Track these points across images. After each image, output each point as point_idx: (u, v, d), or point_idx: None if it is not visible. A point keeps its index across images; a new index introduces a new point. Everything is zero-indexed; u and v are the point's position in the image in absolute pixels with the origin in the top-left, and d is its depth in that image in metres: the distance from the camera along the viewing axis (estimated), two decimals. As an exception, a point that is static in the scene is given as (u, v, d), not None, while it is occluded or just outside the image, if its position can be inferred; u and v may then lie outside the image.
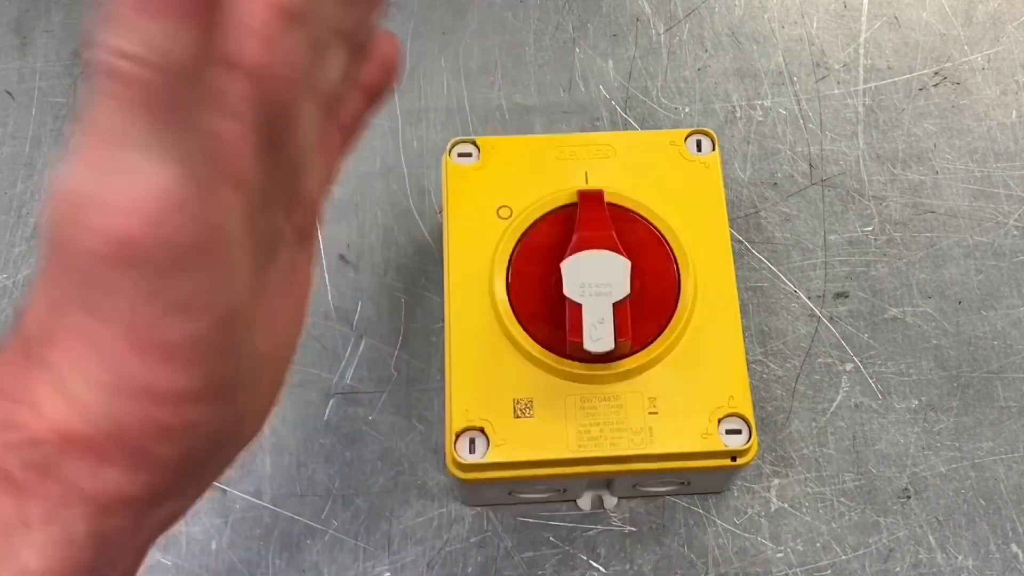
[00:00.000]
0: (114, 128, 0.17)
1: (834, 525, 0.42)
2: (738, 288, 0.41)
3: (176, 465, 0.20)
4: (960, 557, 0.42)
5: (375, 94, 0.28)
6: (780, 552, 0.42)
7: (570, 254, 0.38)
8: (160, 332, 0.18)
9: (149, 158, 0.17)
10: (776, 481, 0.43)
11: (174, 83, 0.17)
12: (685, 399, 0.38)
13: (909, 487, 0.43)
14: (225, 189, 0.19)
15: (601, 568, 0.41)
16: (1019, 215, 0.49)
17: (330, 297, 0.46)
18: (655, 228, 0.41)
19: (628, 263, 0.38)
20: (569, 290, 0.37)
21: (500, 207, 0.41)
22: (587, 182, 0.42)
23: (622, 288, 0.37)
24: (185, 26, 0.17)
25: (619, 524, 0.42)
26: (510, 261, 0.40)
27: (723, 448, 0.37)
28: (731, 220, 0.43)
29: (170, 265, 0.18)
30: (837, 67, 0.52)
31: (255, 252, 0.21)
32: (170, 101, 0.17)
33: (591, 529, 0.42)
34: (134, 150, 0.17)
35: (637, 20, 0.54)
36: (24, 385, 0.19)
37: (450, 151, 0.42)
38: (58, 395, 0.19)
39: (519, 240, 0.40)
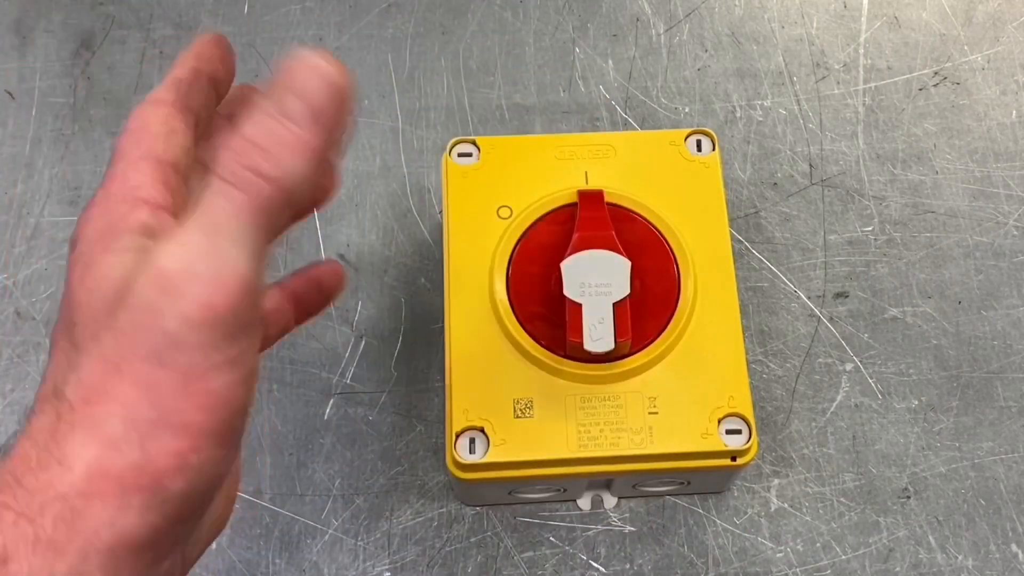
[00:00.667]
0: (220, 223, 0.23)
1: (834, 525, 0.42)
2: (738, 288, 0.41)
3: (179, 505, 0.23)
4: (960, 557, 0.42)
5: (307, 313, 0.34)
6: (780, 552, 0.42)
7: (570, 254, 0.38)
8: (208, 379, 0.23)
9: (240, 251, 0.23)
10: (776, 481, 0.43)
11: (282, 201, 0.23)
12: (685, 399, 0.38)
13: (909, 487, 0.43)
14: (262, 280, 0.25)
15: (601, 568, 0.41)
16: (1019, 215, 0.49)
17: (330, 297, 0.46)
18: (655, 228, 0.41)
19: (628, 263, 0.38)
20: (569, 290, 0.37)
21: (500, 207, 0.41)
22: (587, 182, 0.42)
23: (622, 288, 0.37)
24: (313, 165, 0.23)
25: (619, 524, 0.42)
26: (510, 261, 0.40)
27: (723, 448, 0.37)
28: (731, 220, 0.44)
29: (234, 330, 0.23)
30: (837, 67, 0.52)
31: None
32: (271, 212, 0.23)
33: (591, 529, 0.42)
34: (231, 244, 0.23)
35: (637, 20, 0.54)
36: (57, 443, 0.22)
37: (450, 151, 0.42)
38: (94, 442, 0.22)
39: (519, 240, 0.40)
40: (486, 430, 0.37)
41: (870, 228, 0.48)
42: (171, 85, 0.29)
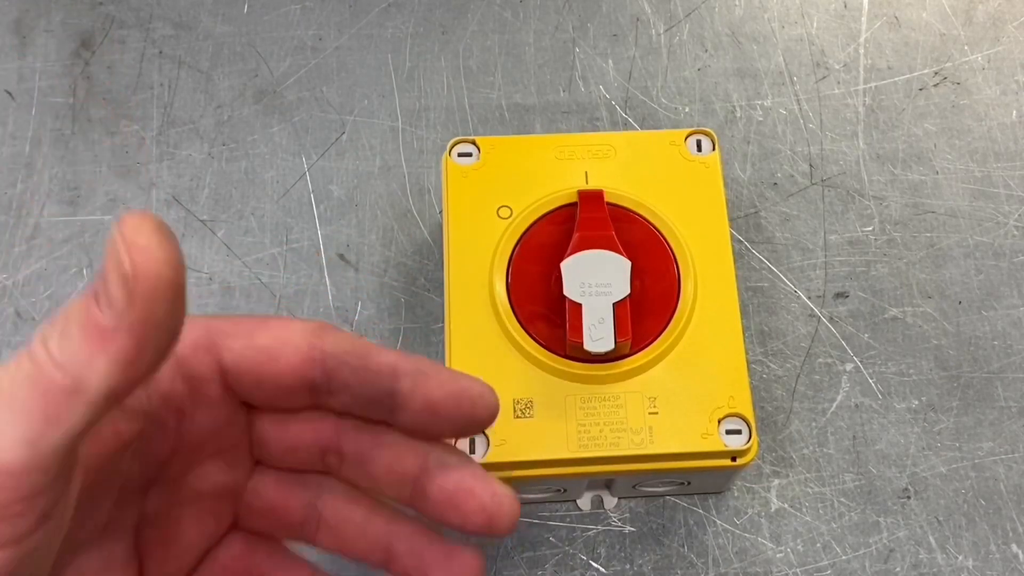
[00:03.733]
0: (3, 387, 0.20)
1: (834, 525, 0.42)
2: (738, 288, 0.41)
3: None
4: (960, 557, 0.42)
5: None
6: (780, 552, 0.42)
7: (570, 254, 0.38)
8: None
9: (12, 429, 0.19)
10: (776, 481, 0.43)
11: (77, 401, 0.20)
12: (685, 399, 0.38)
13: (909, 487, 0.43)
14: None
15: (601, 568, 0.41)
16: (1019, 215, 0.49)
17: (330, 297, 0.46)
18: (655, 228, 0.41)
19: (628, 263, 0.38)
20: (569, 290, 0.37)
21: (500, 207, 0.41)
22: (587, 182, 0.42)
23: (622, 288, 0.37)
24: (119, 371, 0.20)
25: (619, 524, 0.42)
26: (510, 261, 0.40)
27: (723, 448, 0.37)
28: (731, 220, 0.43)
29: None
30: (837, 67, 0.52)
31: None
32: (60, 403, 0.20)
33: (591, 529, 0.42)
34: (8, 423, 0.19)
35: (637, 20, 0.54)
36: None
37: (450, 151, 0.42)
38: None
39: (519, 240, 0.40)
40: (486, 430, 0.37)
41: (870, 228, 0.48)
42: None
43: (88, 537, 0.25)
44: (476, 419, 0.26)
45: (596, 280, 0.37)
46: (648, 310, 0.39)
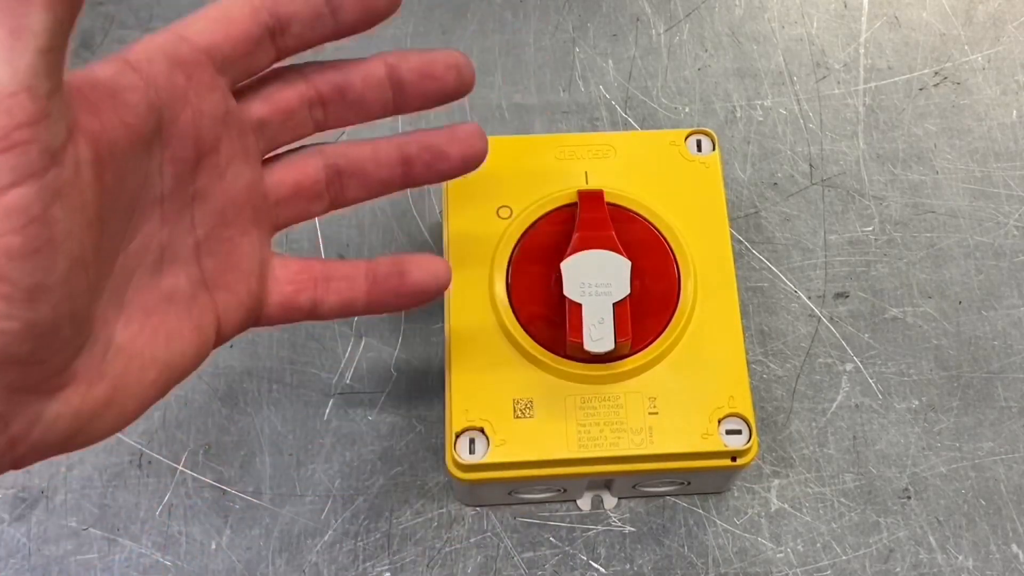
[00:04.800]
0: None
1: (834, 525, 0.42)
2: (738, 288, 0.41)
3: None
4: (960, 557, 0.42)
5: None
6: (780, 552, 0.42)
7: (570, 254, 0.38)
8: None
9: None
10: (776, 481, 0.43)
11: None
12: (685, 399, 0.38)
13: (909, 487, 0.43)
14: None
15: (601, 568, 0.41)
16: (1019, 215, 0.49)
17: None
18: (655, 228, 0.41)
19: (628, 263, 0.38)
20: (569, 290, 0.37)
21: (500, 207, 0.41)
22: (587, 182, 0.42)
23: (622, 288, 0.37)
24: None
25: (619, 524, 0.42)
26: (510, 261, 0.40)
27: (723, 448, 0.37)
28: (731, 220, 0.43)
29: None
30: (837, 67, 0.52)
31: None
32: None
33: (591, 529, 0.42)
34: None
35: (637, 20, 0.54)
36: None
37: (450, 151, 0.42)
38: None
39: (519, 240, 0.40)
40: (486, 430, 0.37)
41: (870, 228, 0.48)
42: None
43: (138, 261, 0.28)
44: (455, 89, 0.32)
45: (596, 280, 0.37)
46: (648, 310, 0.39)
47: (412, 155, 0.33)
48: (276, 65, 0.31)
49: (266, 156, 0.32)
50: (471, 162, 0.33)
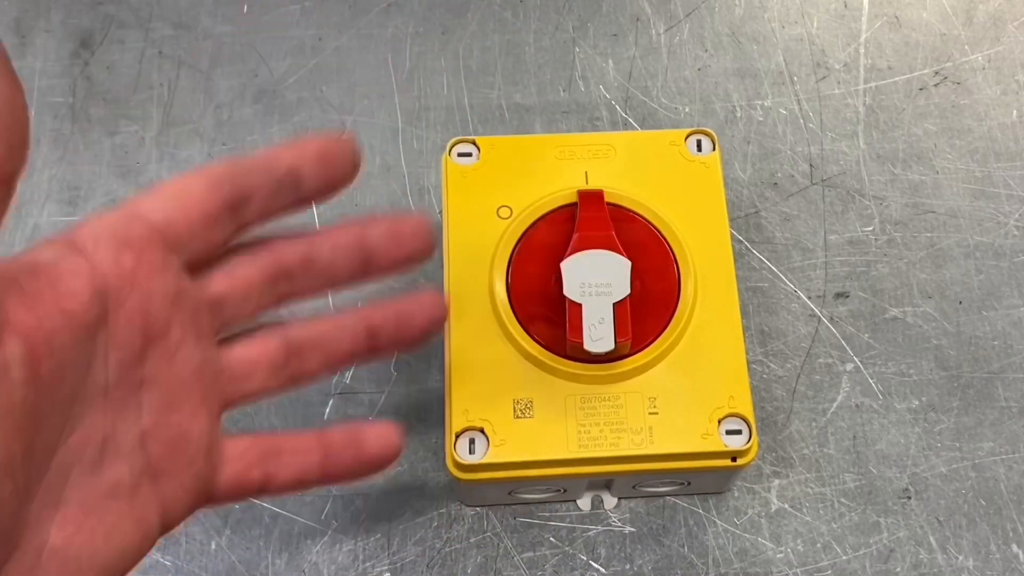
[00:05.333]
0: None
1: (834, 525, 0.42)
2: (738, 288, 0.41)
3: None
4: (960, 557, 0.42)
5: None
6: (780, 552, 0.42)
7: (570, 254, 0.38)
8: None
9: None
10: (776, 481, 0.43)
11: None
12: (685, 399, 0.38)
13: (909, 487, 0.43)
14: None
15: (601, 568, 0.41)
16: (1019, 215, 0.49)
17: (329, 297, 0.46)
18: (655, 228, 0.41)
19: (628, 263, 0.38)
20: (569, 290, 0.37)
21: (500, 207, 0.41)
22: (587, 182, 0.42)
23: (622, 288, 0.37)
24: None
25: (619, 524, 0.42)
26: (510, 261, 0.40)
27: (723, 448, 0.37)
28: (731, 220, 0.43)
29: None
30: (837, 67, 0.52)
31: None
32: None
33: (591, 529, 0.42)
34: None
35: (637, 20, 0.54)
36: None
37: (450, 151, 0.42)
38: None
39: (519, 240, 0.40)
40: (486, 430, 0.37)
41: (870, 228, 0.48)
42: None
43: (78, 456, 0.25)
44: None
45: (596, 280, 0.37)
46: (648, 310, 0.39)
47: (377, 325, 0.32)
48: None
49: (220, 336, 0.30)
50: (435, 328, 0.33)
